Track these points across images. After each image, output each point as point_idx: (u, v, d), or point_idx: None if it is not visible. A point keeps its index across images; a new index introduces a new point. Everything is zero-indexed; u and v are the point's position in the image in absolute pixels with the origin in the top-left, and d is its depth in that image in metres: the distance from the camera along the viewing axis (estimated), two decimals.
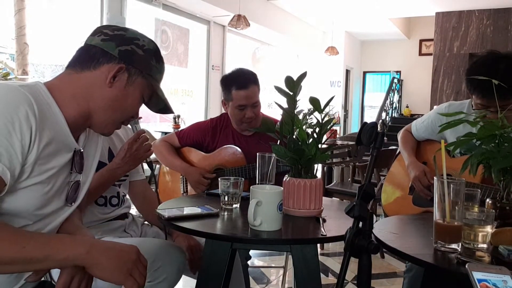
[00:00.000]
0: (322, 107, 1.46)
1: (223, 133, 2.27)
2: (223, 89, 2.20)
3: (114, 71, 1.09)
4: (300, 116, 1.47)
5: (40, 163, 1.00)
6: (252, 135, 2.24)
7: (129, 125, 1.61)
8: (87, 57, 1.11)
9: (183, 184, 2.32)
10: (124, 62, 1.10)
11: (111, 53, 1.10)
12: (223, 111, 2.32)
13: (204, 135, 2.28)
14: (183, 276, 1.67)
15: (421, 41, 11.75)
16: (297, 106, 1.45)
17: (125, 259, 0.97)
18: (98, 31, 1.13)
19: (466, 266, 0.90)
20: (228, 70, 7.67)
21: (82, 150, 1.15)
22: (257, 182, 1.60)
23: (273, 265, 3.36)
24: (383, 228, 1.32)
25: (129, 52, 1.11)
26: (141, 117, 1.24)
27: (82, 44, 1.13)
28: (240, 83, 2.12)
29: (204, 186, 2.15)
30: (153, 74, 1.16)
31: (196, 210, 1.43)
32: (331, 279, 3.06)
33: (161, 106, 1.23)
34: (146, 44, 1.15)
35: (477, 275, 0.88)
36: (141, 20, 6.38)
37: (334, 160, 1.76)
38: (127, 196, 1.78)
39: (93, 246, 0.95)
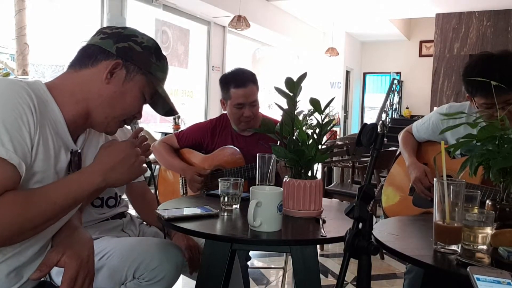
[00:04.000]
0: (322, 108, 1.46)
1: (222, 133, 2.28)
2: (222, 88, 2.22)
3: (111, 67, 1.09)
4: (300, 117, 1.47)
5: (40, 158, 0.99)
6: (251, 136, 2.24)
7: (127, 126, 1.60)
8: (85, 55, 1.12)
9: (183, 185, 2.32)
10: (122, 59, 1.10)
11: (108, 50, 1.10)
12: (223, 112, 2.32)
13: (204, 136, 2.29)
14: (183, 277, 1.66)
15: (421, 42, 11.75)
16: (297, 107, 1.45)
17: (127, 159, 1.08)
18: (99, 32, 1.15)
19: (468, 269, 0.89)
20: (228, 71, 7.68)
21: (79, 151, 1.14)
22: (257, 183, 1.60)
23: (272, 266, 3.35)
24: (383, 229, 1.31)
25: (127, 48, 1.11)
26: None
27: (83, 44, 1.14)
28: (238, 82, 2.14)
29: (198, 184, 2.15)
30: (153, 71, 1.15)
31: (196, 210, 1.43)
32: (331, 280, 3.05)
33: (167, 109, 1.22)
34: (145, 41, 1.15)
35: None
36: (141, 20, 6.38)
37: (334, 159, 1.76)
38: (124, 196, 1.77)
39: (103, 169, 1.04)
